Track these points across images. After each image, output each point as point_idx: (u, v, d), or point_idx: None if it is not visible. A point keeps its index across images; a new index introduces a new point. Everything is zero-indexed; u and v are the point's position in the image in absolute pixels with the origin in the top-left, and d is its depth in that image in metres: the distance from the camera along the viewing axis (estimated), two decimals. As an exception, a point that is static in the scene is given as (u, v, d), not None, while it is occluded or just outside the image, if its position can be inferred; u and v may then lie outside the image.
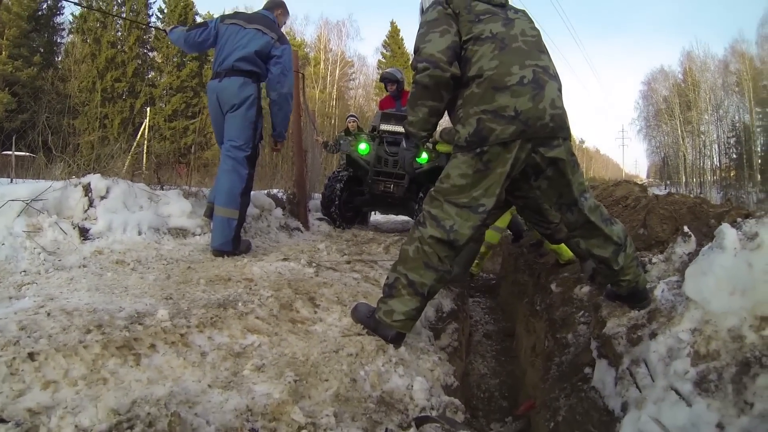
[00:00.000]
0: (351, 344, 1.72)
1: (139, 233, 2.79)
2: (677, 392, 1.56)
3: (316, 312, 2.02)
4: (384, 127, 4.89)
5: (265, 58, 3.09)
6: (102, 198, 2.83)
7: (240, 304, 1.94)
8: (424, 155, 4.39)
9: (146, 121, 20.39)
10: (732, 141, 29.63)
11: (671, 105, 32.06)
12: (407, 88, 5.78)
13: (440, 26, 1.78)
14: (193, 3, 29.72)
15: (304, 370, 1.51)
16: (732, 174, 29.37)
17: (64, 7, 28.28)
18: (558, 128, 1.76)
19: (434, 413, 1.48)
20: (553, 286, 2.98)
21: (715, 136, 30.73)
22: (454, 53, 1.76)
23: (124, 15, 27.45)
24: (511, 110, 1.69)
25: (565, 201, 1.88)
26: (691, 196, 4.17)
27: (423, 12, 2.04)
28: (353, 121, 6.30)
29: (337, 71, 33.91)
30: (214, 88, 3.06)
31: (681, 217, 2.77)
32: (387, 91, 5.81)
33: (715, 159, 31.23)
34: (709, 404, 1.47)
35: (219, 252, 2.85)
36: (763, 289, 1.60)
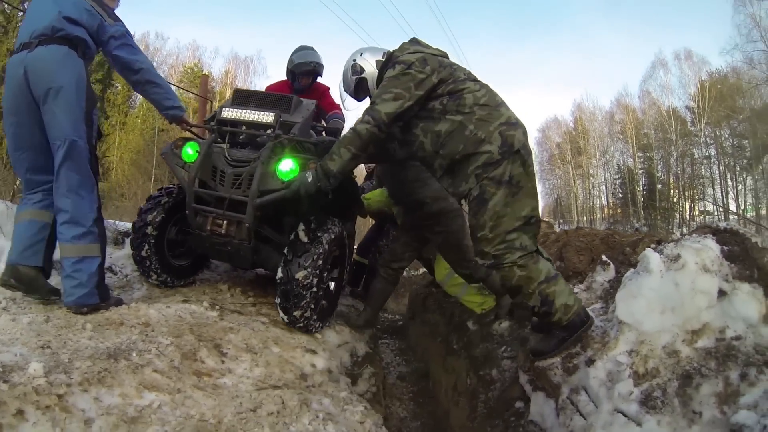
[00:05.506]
0: (269, 400, 1.48)
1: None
2: (624, 414, 1.57)
3: (223, 362, 1.74)
4: (229, 113, 2.52)
5: (95, 33, 2.19)
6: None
7: (134, 354, 1.61)
8: (291, 165, 2.31)
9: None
10: (618, 182, 33.18)
11: (563, 151, 35.33)
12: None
13: (399, 88, 1.96)
14: None
15: (214, 437, 1.23)
16: (618, 211, 32.75)
17: None
18: None
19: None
20: (470, 324, 2.99)
21: (602, 178, 34.30)
22: (394, 120, 2.00)
23: None
24: (514, 118, 2.01)
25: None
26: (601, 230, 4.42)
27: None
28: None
29: (242, 107, 33.16)
30: (20, 61, 2.07)
31: (595, 248, 2.91)
32: (295, 85, 3.60)
33: (603, 199, 34.76)
34: (658, 420, 1.49)
35: (79, 308, 2.02)
36: (690, 306, 1.69)
